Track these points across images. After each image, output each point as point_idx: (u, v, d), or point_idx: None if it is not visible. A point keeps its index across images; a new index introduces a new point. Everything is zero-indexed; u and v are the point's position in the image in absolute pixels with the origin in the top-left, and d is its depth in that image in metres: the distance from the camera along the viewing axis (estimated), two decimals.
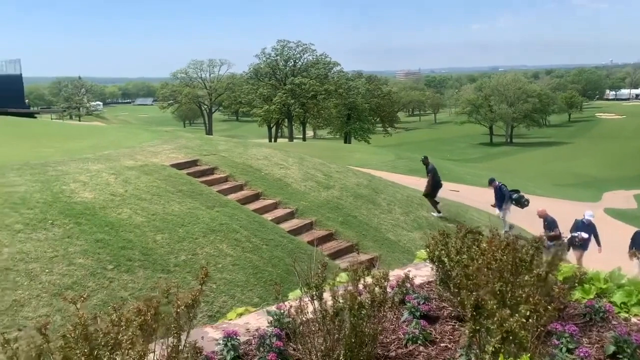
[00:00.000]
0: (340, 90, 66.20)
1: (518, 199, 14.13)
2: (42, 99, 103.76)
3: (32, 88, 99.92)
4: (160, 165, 11.91)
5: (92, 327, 2.14)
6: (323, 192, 13.02)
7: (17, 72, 34.97)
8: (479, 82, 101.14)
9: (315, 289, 2.91)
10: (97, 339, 2.08)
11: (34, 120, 29.33)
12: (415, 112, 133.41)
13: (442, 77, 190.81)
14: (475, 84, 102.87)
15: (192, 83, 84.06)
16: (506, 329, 2.73)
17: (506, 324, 2.74)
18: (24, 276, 6.68)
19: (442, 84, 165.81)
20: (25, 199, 8.60)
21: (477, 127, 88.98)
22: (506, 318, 2.74)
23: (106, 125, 36.34)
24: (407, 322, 3.73)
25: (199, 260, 8.25)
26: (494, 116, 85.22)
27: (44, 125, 25.45)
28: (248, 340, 3.43)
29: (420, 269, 4.96)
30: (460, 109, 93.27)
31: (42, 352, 2.04)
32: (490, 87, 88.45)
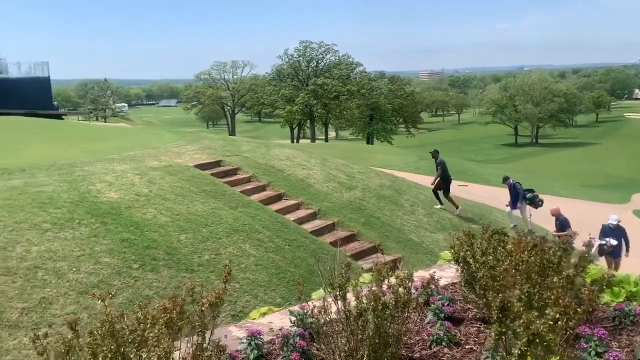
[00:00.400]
0: (363, 90, 66.04)
1: (532, 199, 13.88)
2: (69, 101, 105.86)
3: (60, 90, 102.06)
4: (184, 165, 12.04)
5: (118, 324, 2.16)
6: (345, 193, 12.99)
7: (45, 74, 35.68)
8: (503, 82, 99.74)
9: (338, 289, 2.90)
10: (123, 336, 2.10)
11: (61, 122, 29.93)
12: (439, 113, 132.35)
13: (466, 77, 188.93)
14: (500, 84, 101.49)
15: (215, 84, 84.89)
16: (533, 332, 2.67)
17: (533, 326, 2.68)
18: (52, 274, 6.81)
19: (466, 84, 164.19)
20: (53, 198, 8.78)
21: (501, 128, 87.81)
22: (533, 320, 2.69)
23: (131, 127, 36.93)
24: (432, 324, 3.69)
25: (222, 260, 8.31)
26: (519, 116, 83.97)
27: (71, 126, 25.95)
28: (271, 340, 3.44)
29: (444, 270, 4.91)
30: (484, 109, 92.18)
31: (71, 348, 2.07)
32: (515, 86, 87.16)
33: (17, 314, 6.00)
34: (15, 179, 9.68)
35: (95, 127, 28.95)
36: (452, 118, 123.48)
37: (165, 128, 49.32)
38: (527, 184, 16.21)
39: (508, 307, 2.62)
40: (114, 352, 2.03)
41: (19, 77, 34.68)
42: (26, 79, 34.77)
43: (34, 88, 34.33)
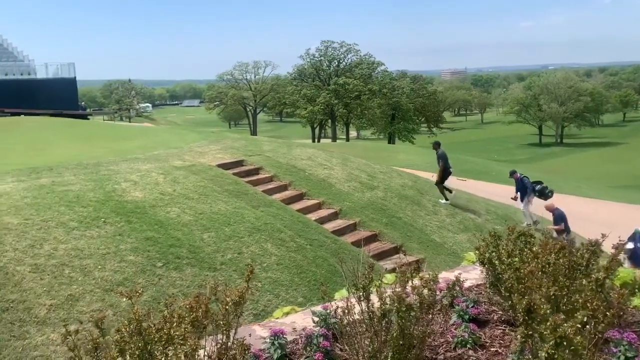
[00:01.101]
0: (385, 90, 65.76)
1: (541, 190, 13.71)
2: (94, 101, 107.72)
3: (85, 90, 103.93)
4: (207, 165, 12.15)
5: (145, 322, 2.19)
6: (367, 193, 12.96)
7: (72, 75, 36.34)
8: (527, 81, 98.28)
9: (362, 290, 2.89)
10: (150, 334, 2.13)
11: (87, 122, 30.48)
12: (462, 112, 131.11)
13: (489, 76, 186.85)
14: (524, 83, 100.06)
15: (238, 85, 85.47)
16: (560, 335, 2.63)
17: (560, 329, 2.64)
18: (79, 272, 6.93)
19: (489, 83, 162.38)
20: (79, 197, 8.94)
21: (525, 127, 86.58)
22: (560, 323, 2.64)
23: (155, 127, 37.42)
24: (456, 326, 3.65)
25: (244, 259, 8.36)
26: (543, 116, 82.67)
27: (96, 126, 26.39)
28: (295, 340, 3.44)
29: (468, 272, 4.86)
30: (508, 109, 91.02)
31: (99, 345, 2.11)
32: (539, 85, 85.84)
33: (45, 310, 6.12)
34: (43, 178, 9.89)
35: (120, 127, 29.40)
36: (475, 117, 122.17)
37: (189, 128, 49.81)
38: (553, 185, 15.98)
39: (535, 309, 2.58)
40: (141, 350, 2.06)
41: (47, 78, 35.39)
42: (53, 79, 35.47)
43: (60, 89, 35.00)
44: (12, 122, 25.28)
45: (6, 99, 30.52)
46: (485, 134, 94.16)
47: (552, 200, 13.22)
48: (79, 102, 40.84)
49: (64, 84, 35.50)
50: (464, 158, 33.95)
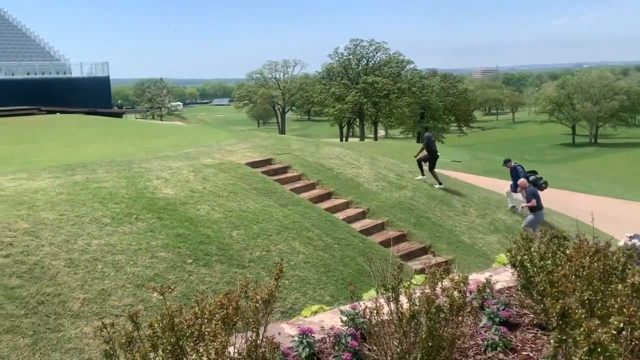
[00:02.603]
0: (414, 88, 65.16)
1: (535, 181, 13.56)
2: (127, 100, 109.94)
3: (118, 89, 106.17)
4: (237, 163, 12.26)
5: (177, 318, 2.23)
6: (395, 193, 12.88)
7: (106, 74, 37.15)
8: (561, 80, 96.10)
9: (391, 290, 2.87)
10: (182, 330, 2.16)
11: (120, 120, 31.10)
12: (492, 111, 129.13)
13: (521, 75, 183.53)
14: (557, 82, 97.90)
15: (267, 83, 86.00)
16: (594, 341, 2.57)
17: (594, 335, 2.58)
18: (111, 267, 7.09)
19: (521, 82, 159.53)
20: (112, 194, 9.14)
21: (558, 127, 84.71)
22: (595, 329, 2.58)
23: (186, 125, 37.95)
24: (486, 328, 3.60)
25: (272, 257, 8.42)
26: (577, 115, 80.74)
27: (129, 124, 26.92)
28: (323, 339, 3.45)
29: (499, 274, 4.78)
30: (540, 108, 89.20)
31: (132, 339, 2.15)
32: (573, 84, 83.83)
33: (79, 304, 6.28)
34: (78, 174, 10.14)
35: (152, 125, 29.92)
36: (507, 117, 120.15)
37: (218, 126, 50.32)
38: (586, 186, 15.65)
39: (569, 314, 2.53)
40: (172, 345, 2.10)
41: (81, 77, 36.27)
42: (88, 78, 36.34)
43: (94, 87, 35.85)
44: (47, 120, 26.01)
45: (42, 97, 31.40)
46: (516, 134, 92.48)
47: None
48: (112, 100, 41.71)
49: (98, 82, 36.35)
50: (494, 158, 33.39)
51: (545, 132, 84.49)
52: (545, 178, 14.69)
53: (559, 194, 21.23)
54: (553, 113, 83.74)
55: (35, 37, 39.87)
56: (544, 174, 29.47)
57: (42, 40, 39.66)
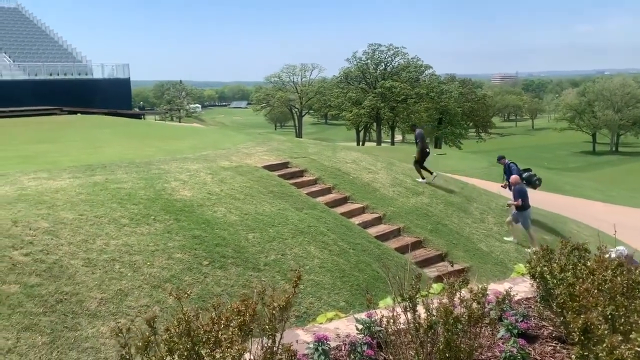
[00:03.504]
0: (432, 93, 64.91)
1: (528, 178, 13.37)
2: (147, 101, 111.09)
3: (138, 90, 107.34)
4: (253, 166, 12.30)
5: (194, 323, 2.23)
6: (412, 198, 12.81)
7: (126, 75, 37.60)
8: (582, 87, 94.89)
9: (408, 300, 2.84)
10: (198, 335, 2.16)
11: (140, 121, 31.45)
12: (511, 118, 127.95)
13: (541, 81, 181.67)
14: (578, 89, 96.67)
15: (285, 87, 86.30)
16: (617, 357, 2.51)
17: (617, 351, 2.52)
18: (128, 267, 7.14)
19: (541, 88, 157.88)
20: (131, 195, 9.22)
21: (578, 135, 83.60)
22: (617, 345, 2.53)
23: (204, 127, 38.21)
24: (504, 340, 3.55)
25: (287, 261, 8.41)
26: (597, 123, 79.62)
27: (148, 125, 27.20)
28: (338, 346, 3.42)
29: (517, 284, 4.72)
30: (560, 115, 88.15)
31: (149, 344, 2.16)
32: (594, 91, 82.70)
33: (96, 303, 6.33)
34: (97, 175, 10.25)
35: (171, 127, 30.18)
36: (526, 123, 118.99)
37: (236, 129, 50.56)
38: (607, 195, 15.41)
39: (591, 329, 2.48)
40: (189, 351, 2.10)
41: (102, 78, 36.75)
42: (108, 80, 36.81)
43: (115, 89, 36.30)
44: (69, 120, 26.41)
45: (64, 98, 31.89)
46: (535, 141, 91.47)
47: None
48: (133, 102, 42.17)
49: (118, 84, 36.80)
50: None
51: (565, 140, 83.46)
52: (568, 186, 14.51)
53: (578, 202, 20.96)
54: (573, 120, 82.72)
55: (58, 39, 40.53)
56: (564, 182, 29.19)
57: (64, 42, 40.31)
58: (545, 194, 21.99)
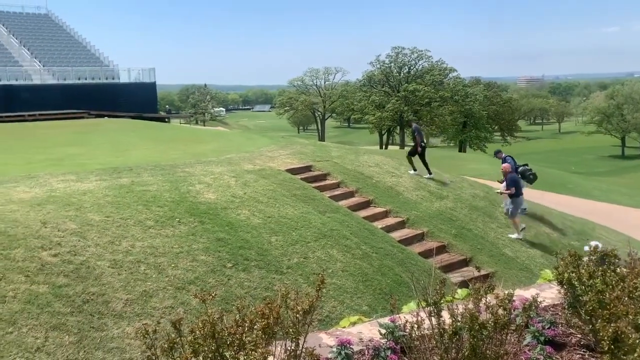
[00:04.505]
0: (456, 97, 64.29)
1: (523, 172, 13.24)
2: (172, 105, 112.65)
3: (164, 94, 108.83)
4: (277, 169, 12.35)
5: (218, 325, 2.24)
6: (436, 203, 12.70)
7: (152, 79, 38.19)
8: (610, 90, 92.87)
9: (433, 305, 2.81)
10: (223, 338, 2.17)
11: (165, 124, 31.88)
12: (538, 121, 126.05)
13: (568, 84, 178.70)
14: (607, 92, 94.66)
15: (308, 90, 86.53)
16: None
17: None
18: (153, 269, 7.23)
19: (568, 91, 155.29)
20: (156, 197, 9.34)
21: (607, 138, 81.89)
22: None
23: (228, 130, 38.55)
24: (530, 347, 3.49)
25: (310, 264, 8.42)
26: (627, 126, 77.85)
27: (173, 129, 27.57)
28: (361, 350, 3.41)
29: (544, 291, 4.63)
30: (588, 118, 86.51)
31: (174, 345, 2.18)
32: (623, 94, 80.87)
33: (122, 304, 6.42)
34: (124, 177, 10.42)
35: (196, 130, 30.52)
36: (552, 127, 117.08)
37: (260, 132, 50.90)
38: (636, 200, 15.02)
39: (621, 337, 2.41)
40: (213, 352, 2.11)
41: (129, 82, 37.41)
42: (135, 84, 37.45)
43: (141, 92, 36.91)
44: (96, 123, 26.92)
45: (92, 102, 32.55)
46: (562, 145, 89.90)
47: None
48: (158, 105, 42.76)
49: (144, 88, 37.40)
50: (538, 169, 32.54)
51: (593, 144, 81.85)
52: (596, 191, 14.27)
53: (607, 207, 20.52)
54: (601, 124, 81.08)
55: (86, 44, 41.41)
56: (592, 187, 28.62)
57: (92, 47, 41.15)
58: (572, 199, 21.61)
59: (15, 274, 6.42)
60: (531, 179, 13.46)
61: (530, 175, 13.41)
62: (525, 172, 13.35)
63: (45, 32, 41.08)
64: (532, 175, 13.48)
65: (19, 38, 38.07)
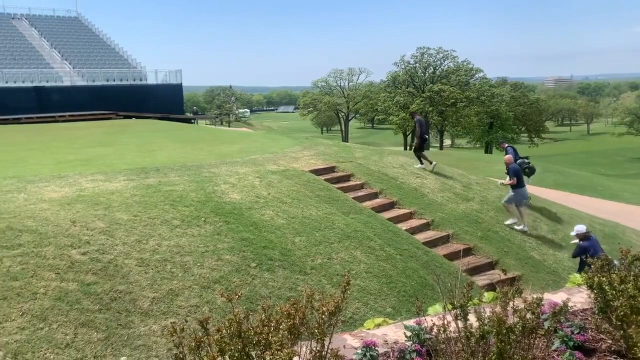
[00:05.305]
0: (483, 97, 63.49)
1: (520, 164, 13.13)
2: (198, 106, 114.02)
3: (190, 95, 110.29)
4: (300, 170, 12.38)
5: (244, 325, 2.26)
6: (461, 204, 12.56)
7: (179, 81, 38.72)
8: None
9: (460, 308, 2.78)
10: (249, 337, 2.19)
11: (191, 125, 32.26)
12: (566, 122, 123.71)
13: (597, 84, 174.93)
14: (638, 92, 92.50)
15: (332, 91, 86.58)
16: None
17: None
18: (179, 268, 7.32)
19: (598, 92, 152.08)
20: (182, 197, 9.46)
21: (638, 140, 79.81)
22: None
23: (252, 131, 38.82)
24: (559, 352, 3.42)
25: (333, 265, 8.41)
26: None
27: (199, 130, 27.88)
28: (386, 352, 3.39)
29: (573, 295, 4.54)
30: (618, 119, 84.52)
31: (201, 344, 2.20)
32: None
33: (148, 302, 6.52)
34: (151, 177, 10.58)
35: (220, 131, 30.81)
36: (581, 128, 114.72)
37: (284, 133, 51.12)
38: None
39: None
40: (239, 352, 2.13)
41: (156, 84, 37.98)
42: (162, 85, 38.01)
43: (168, 94, 37.46)
44: (124, 124, 27.40)
45: (120, 103, 33.16)
46: (591, 146, 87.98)
47: None
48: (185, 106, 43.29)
49: (171, 89, 37.94)
50: (567, 171, 31.91)
51: (623, 145, 79.90)
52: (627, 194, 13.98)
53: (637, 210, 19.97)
54: (632, 125, 79.11)
55: (114, 46, 42.19)
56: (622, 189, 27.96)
57: (120, 49, 41.91)
58: (601, 202, 21.13)
59: (46, 271, 6.58)
60: (527, 172, 13.49)
61: (526, 169, 13.52)
62: (521, 165, 13.38)
63: (75, 34, 42.01)
64: (528, 169, 13.59)
65: (49, 41, 39.00)
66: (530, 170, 13.61)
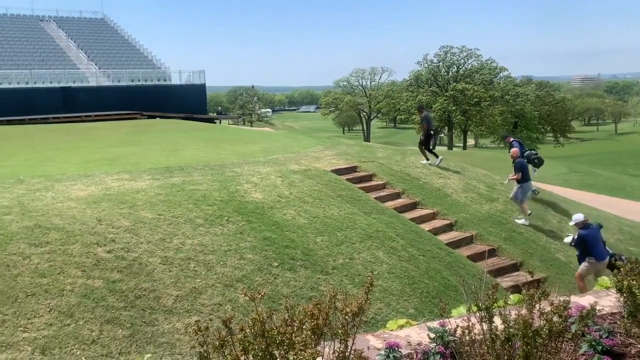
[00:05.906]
0: (507, 96, 62.68)
1: (528, 156, 13.13)
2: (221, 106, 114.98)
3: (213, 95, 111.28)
4: (322, 170, 12.38)
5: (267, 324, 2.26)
6: (485, 205, 12.41)
7: (202, 81, 39.09)
8: None
9: (485, 310, 2.75)
10: (272, 337, 2.20)
11: (214, 125, 32.54)
12: (593, 122, 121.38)
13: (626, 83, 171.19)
14: None
15: (354, 91, 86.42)
16: None
17: None
18: (202, 266, 7.39)
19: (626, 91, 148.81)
20: (205, 196, 9.55)
21: None
22: None
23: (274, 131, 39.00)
24: (587, 357, 3.35)
25: (355, 265, 8.39)
26: None
27: (222, 130, 28.13)
28: (409, 354, 3.36)
29: (601, 298, 4.44)
30: None
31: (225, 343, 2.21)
32: None
33: (172, 300, 6.60)
34: (175, 177, 10.70)
35: (243, 130, 31.01)
36: (609, 127, 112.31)
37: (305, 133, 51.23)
38: None
39: None
40: (263, 351, 2.13)
41: (180, 84, 38.43)
42: (186, 85, 38.44)
43: (192, 94, 37.86)
44: (148, 124, 27.78)
45: (144, 103, 33.63)
46: (619, 146, 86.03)
47: None
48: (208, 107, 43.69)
49: (195, 89, 38.33)
50: (593, 171, 31.31)
51: None
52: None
53: None
54: None
55: (139, 47, 42.81)
56: None
57: (145, 50, 42.50)
58: (630, 203, 20.65)
59: (73, 268, 6.71)
60: (536, 162, 13.58)
61: (535, 159, 13.52)
62: (530, 156, 13.44)
63: (101, 35, 42.75)
64: (537, 159, 13.58)
65: (76, 42, 39.76)
66: (539, 160, 13.69)
